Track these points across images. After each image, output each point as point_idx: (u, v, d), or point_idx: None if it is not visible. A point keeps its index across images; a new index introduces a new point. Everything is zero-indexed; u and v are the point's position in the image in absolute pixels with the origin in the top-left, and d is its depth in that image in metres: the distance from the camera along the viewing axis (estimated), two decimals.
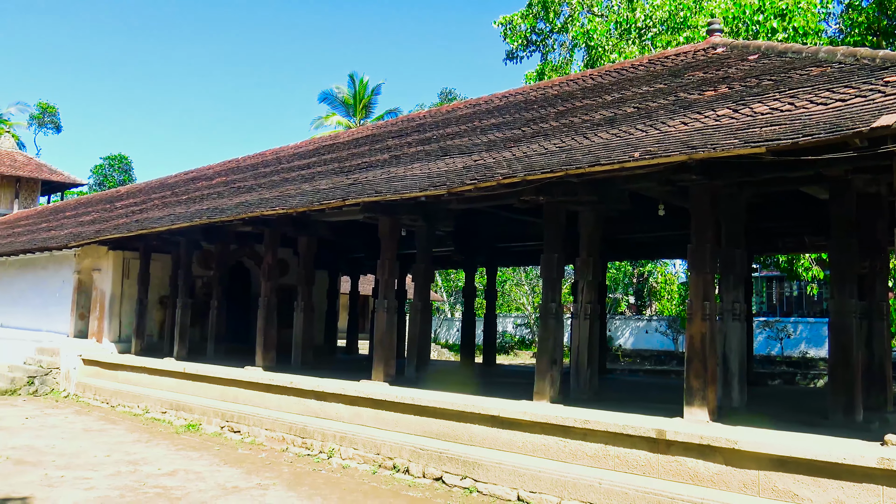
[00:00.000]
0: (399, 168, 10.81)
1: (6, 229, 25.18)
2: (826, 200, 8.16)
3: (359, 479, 8.26)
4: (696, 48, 11.44)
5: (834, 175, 7.16)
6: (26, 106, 50.90)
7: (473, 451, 7.99)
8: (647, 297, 40.24)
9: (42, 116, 50.93)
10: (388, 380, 10.13)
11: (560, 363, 8.62)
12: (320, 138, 19.26)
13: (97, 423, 11.94)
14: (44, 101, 51.46)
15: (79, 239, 16.32)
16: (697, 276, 7.45)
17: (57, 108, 51.90)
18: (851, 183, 7.55)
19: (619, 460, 7.00)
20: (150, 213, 16.58)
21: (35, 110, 50.92)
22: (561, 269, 8.83)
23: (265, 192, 13.21)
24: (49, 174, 31.07)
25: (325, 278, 18.85)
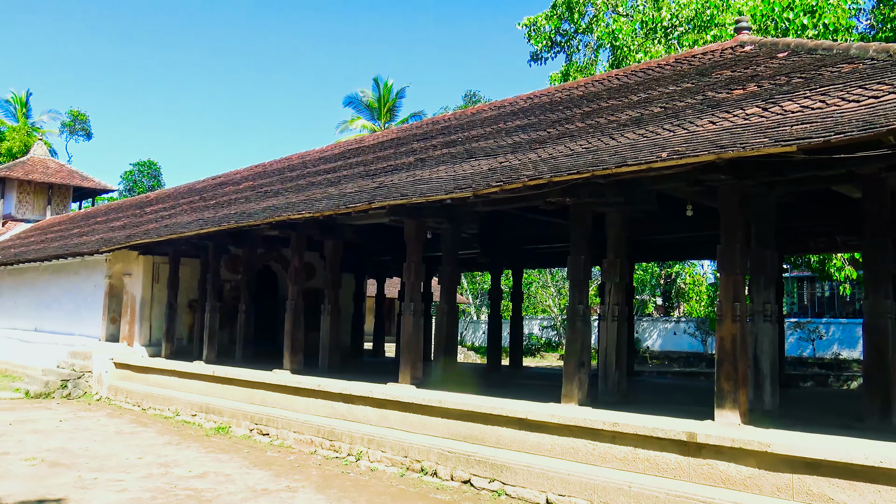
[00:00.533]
0: (424, 171, 10.82)
1: (39, 235, 25.67)
2: (859, 199, 8.03)
3: (387, 482, 8.28)
4: (724, 46, 11.31)
5: (867, 173, 7.04)
6: (58, 114, 51.91)
7: (502, 453, 7.96)
8: (674, 299, 39.90)
9: (73, 124, 51.84)
10: (415, 382, 10.14)
11: (588, 365, 8.56)
12: (346, 142, 19.38)
13: (129, 426, 12.10)
14: (75, 109, 52.45)
15: (110, 244, 16.59)
16: (727, 277, 7.35)
17: (88, 116, 52.84)
18: (885, 181, 7.42)
19: (649, 463, 6.94)
20: (178, 217, 16.81)
21: (66, 118, 51.89)
22: (588, 271, 8.77)
23: (292, 196, 13.32)
24: (80, 181, 31.64)
25: (352, 281, 18.94)
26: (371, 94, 44.50)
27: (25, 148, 42.11)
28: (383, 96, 44.21)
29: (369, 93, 44.61)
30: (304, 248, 12.77)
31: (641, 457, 6.99)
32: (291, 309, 12.61)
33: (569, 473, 7.18)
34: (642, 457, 6.99)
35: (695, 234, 12.52)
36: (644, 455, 6.97)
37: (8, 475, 8.14)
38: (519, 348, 17.02)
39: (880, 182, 7.41)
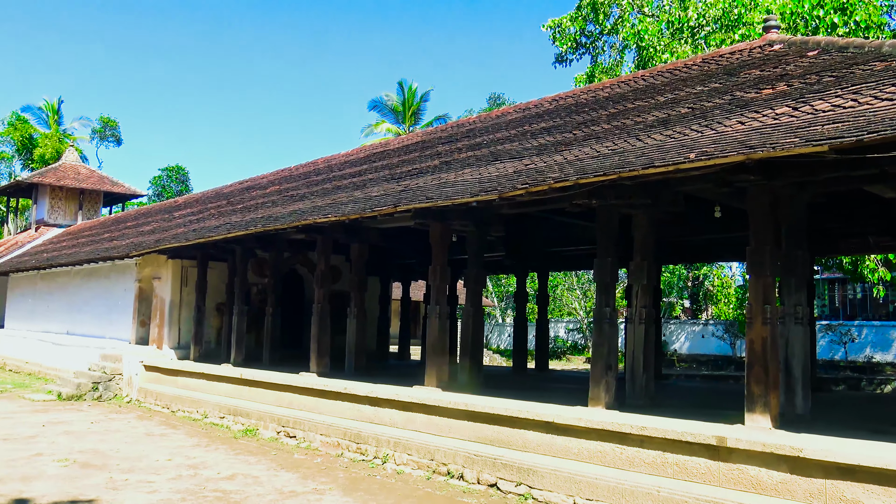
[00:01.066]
0: (450, 174, 10.83)
1: (71, 240, 26.12)
2: (892, 199, 7.88)
3: (413, 485, 8.28)
4: (752, 46, 11.18)
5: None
6: (88, 120, 52.85)
7: (528, 457, 7.93)
8: (702, 301, 39.45)
9: (103, 130, 52.71)
10: (441, 385, 10.14)
11: (615, 369, 8.49)
12: (371, 146, 19.46)
13: (158, 428, 12.26)
14: (105, 116, 53.38)
15: (139, 248, 16.81)
16: (757, 280, 7.26)
17: (118, 122, 53.66)
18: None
19: (678, 468, 6.86)
20: (206, 222, 16.99)
21: (97, 124, 52.81)
22: (615, 274, 8.71)
23: (317, 199, 13.40)
24: (111, 186, 32.18)
25: (377, 284, 19.00)
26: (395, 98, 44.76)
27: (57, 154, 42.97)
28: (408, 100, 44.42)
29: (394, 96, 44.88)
30: (330, 251, 12.84)
31: (670, 461, 6.92)
32: (317, 312, 12.68)
33: (596, 477, 7.13)
34: (671, 461, 6.91)
35: (723, 236, 12.38)
36: (673, 459, 6.90)
37: (41, 476, 8.28)
38: (545, 351, 16.95)
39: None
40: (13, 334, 25.50)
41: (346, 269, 16.32)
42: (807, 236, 8.38)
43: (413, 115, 44.57)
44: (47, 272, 23.33)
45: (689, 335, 33.98)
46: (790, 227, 8.08)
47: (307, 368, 12.52)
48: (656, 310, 12.54)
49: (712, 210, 8.86)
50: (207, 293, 16.26)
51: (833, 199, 9.91)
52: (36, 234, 30.69)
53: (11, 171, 48.80)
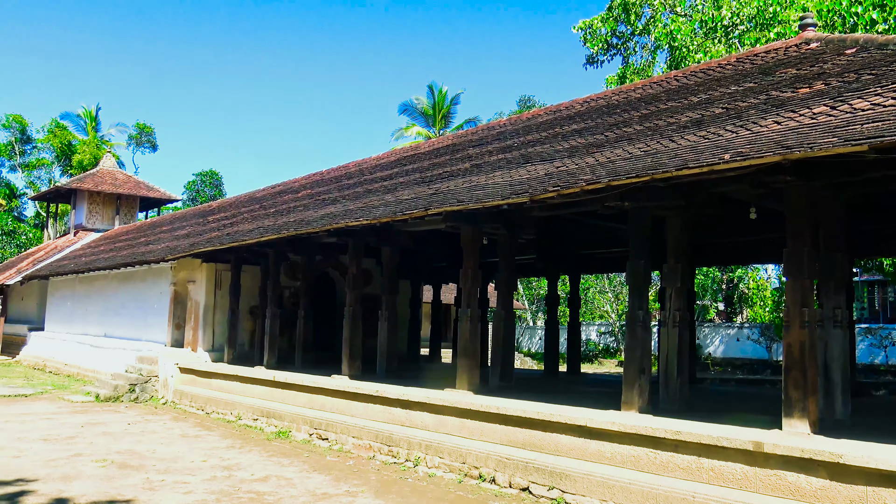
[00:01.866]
0: (480, 177, 10.83)
1: (108, 244, 26.62)
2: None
3: (445, 488, 8.28)
4: (788, 44, 11.00)
5: None
6: (125, 127, 54.02)
7: (561, 461, 7.87)
8: (737, 304, 38.91)
9: (139, 136, 53.77)
10: (473, 388, 10.13)
11: (648, 372, 8.41)
12: (401, 149, 19.53)
13: (193, 430, 12.43)
14: (141, 122, 54.48)
15: (174, 252, 17.09)
16: (794, 282, 7.13)
17: (153, 128, 54.80)
18: None
19: (713, 473, 6.76)
20: (239, 226, 17.19)
21: (133, 131, 53.92)
22: (647, 276, 8.63)
23: (349, 203, 13.49)
24: (146, 191, 32.76)
25: (408, 288, 19.06)
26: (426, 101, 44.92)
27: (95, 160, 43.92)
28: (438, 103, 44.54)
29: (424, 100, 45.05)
30: (362, 254, 12.90)
31: (705, 466, 6.82)
32: (349, 315, 12.76)
33: (630, 482, 7.06)
34: (706, 466, 6.82)
35: (758, 238, 12.20)
36: (708, 464, 6.80)
37: (80, 476, 8.44)
38: (577, 354, 16.84)
39: None
40: (53, 337, 26.06)
41: (377, 273, 16.41)
42: (846, 237, 8.22)
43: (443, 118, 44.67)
44: (86, 276, 23.81)
45: (724, 338, 33.51)
46: (828, 228, 7.92)
47: (339, 371, 12.60)
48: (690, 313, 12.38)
49: (747, 211, 8.73)
50: (241, 296, 16.45)
51: (873, 200, 9.70)
52: (75, 238, 31.36)
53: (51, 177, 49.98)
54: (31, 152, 52.02)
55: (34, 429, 11.89)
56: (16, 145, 51.14)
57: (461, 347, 10.55)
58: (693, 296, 14.63)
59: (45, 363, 24.99)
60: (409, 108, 45.28)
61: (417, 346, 19.43)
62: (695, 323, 16.01)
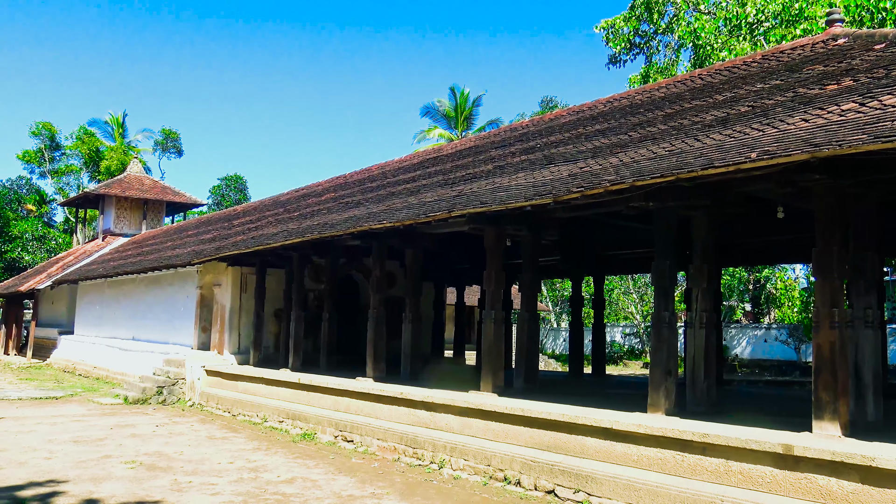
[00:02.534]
0: (503, 178, 10.81)
1: (136, 248, 26.99)
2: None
3: (470, 491, 8.27)
4: (815, 40, 10.85)
5: None
6: (151, 133, 54.77)
7: (587, 463, 7.82)
8: (764, 305, 38.45)
9: (165, 142, 54.45)
10: (497, 391, 10.11)
11: (675, 374, 8.33)
12: (424, 151, 19.56)
13: (220, 432, 12.54)
14: (167, 128, 55.17)
15: (200, 256, 17.28)
16: (824, 282, 7.02)
17: (179, 134, 55.51)
18: None
19: (742, 476, 6.67)
20: (264, 229, 17.33)
21: (159, 136, 54.63)
22: (673, 277, 8.56)
23: (372, 206, 13.53)
24: (173, 196, 33.18)
25: (432, 290, 19.09)
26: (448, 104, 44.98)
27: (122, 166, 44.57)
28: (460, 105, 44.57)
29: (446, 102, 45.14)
30: (385, 257, 12.93)
31: (734, 469, 6.74)
32: (373, 317, 12.80)
33: (657, 485, 6.99)
34: (735, 469, 6.73)
35: (786, 237, 12.04)
36: (737, 468, 6.72)
37: (110, 477, 8.56)
38: (601, 356, 16.74)
39: None
40: (83, 340, 26.46)
41: (400, 275, 16.44)
42: (876, 236, 8.08)
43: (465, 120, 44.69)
44: (114, 280, 24.17)
45: (751, 339, 33.11)
46: (858, 226, 7.81)
47: (363, 373, 12.64)
48: (717, 313, 12.29)
49: (774, 211, 8.62)
50: (266, 299, 16.58)
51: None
52: (103, 243, 31.83)
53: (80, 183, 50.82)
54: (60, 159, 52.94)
55: (65, 430, 12.07)
56: (45, 152, 52.05)
57: (485, 349, 10.54)
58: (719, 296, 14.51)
59: (74, 366, 25.40)
60: (432, 110, 45.38)
61: (441, 348, 19.43)
62: (721, 324, 15.85)
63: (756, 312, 39.53)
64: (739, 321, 38.30)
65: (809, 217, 7.32)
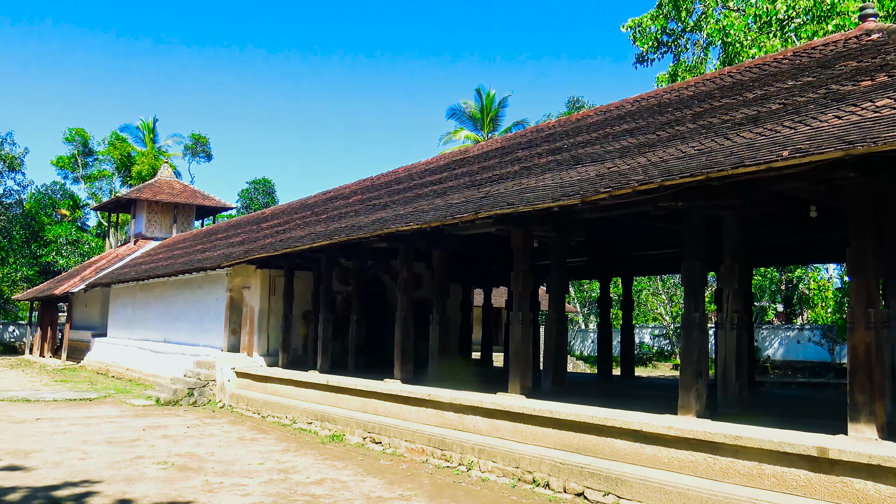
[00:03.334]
0: (530, 179, 10.78)
1: (167, 252, 27.37)
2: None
3: (498, 493, 8.25)
4: (848, 36, 10.66)
5: None
6: (181, 137, 55.62)
7: (616, 466, 7.77)
8: (797, 305, 37.82)
9: (195, 146, 55.21)
10: (525, 392, 10.08)
11: (705, 376, 8.22)
12: (450, 153, 19.57)
13: (249, 433, 12.66)
14: (196, 133, 55.98)
15: (229, 259, 17.45)
16: (859, 282, 6.89)
17: (208, 139, 56.20)
18: None
19: (775, 479, 6.57)
20: (292, 232, 17.47)
21: (189, 141, 55.43)
22: (703, 277, 8.45)
23: (399, 208, 13.57)
24: (202, 200, 33.61)
25: (459, 291, 19.10)
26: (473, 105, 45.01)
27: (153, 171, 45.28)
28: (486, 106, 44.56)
29: (472, 103, 45.17)
30: (413, 259, 12.96)
31: (767, 472, 6.64)
32: (401, 319, 12.83)
33: (688, 488, 6.92)
34: (768, 472, 6.63)
35: (819, 236, 11.84)
36: (770, 470, 6.62)
37: (143, 478, 8.69)
38: (630, 358, 16.61)
39: None
40: (115, 342, 26.91)
41: (427, 277, 16.44)
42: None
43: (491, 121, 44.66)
44: (145, 283, 24.50)
45: (784, 341, 32.62)
46: (894, 225, 7.65)
47: (391, 375, 12.67)
48: (748, 314, 12.12)
49: (807, 209, 8.48)
50: (294, 301, 16.70)
51: None
52: (135, 246, 32.35)
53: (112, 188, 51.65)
54: (92, 164, 53.89)
55: (98, 432, 12.28)
56: (78, 158, 53.03)
57: (513, 351, 10.51)
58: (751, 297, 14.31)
59: (107, 368, 25.83)
60: (457, 112, 45.43)
61: (469, 349, 19.42)
62: (753, 325, 15.63)
63: (788, 313, 38.94)
64: (771, 322, 37.75)
65: (843, 216, 7.19)
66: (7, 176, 47.01)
